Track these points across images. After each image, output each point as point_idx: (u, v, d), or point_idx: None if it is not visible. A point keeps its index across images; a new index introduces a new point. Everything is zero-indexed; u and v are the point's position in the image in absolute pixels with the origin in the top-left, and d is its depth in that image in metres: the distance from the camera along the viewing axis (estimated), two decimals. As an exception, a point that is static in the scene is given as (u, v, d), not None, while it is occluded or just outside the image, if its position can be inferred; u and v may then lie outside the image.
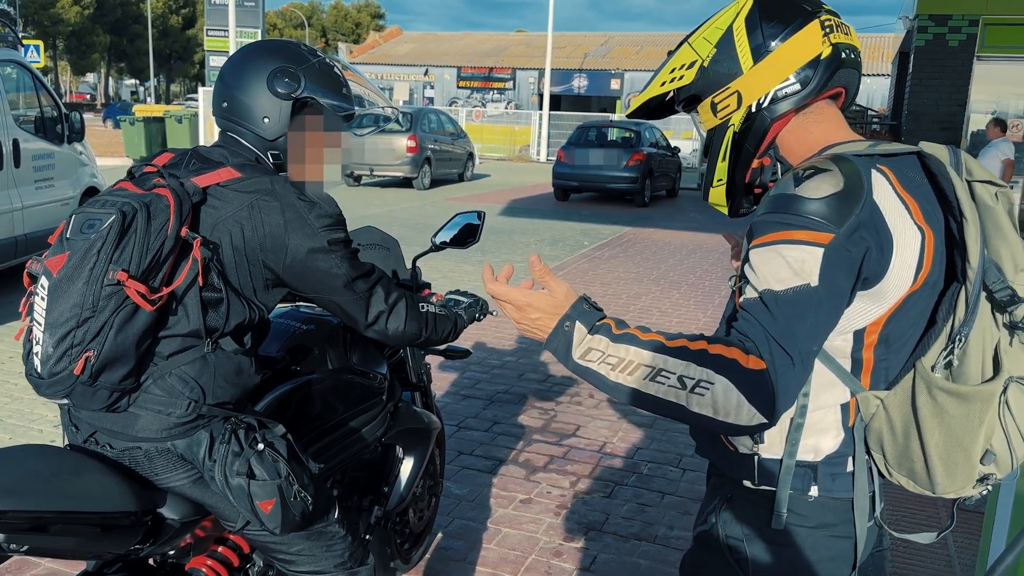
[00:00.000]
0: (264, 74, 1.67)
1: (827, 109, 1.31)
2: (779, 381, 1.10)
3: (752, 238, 1.19)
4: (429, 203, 14.42)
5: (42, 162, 7.01)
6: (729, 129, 1.31)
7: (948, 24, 11.38)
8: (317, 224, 1.60)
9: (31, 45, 18.31)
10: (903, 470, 1.24)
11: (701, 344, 1.14)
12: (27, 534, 1.38)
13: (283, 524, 1.60)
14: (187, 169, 1.62)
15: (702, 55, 1.30)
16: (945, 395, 1.16)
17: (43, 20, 51.80)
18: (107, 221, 1.42)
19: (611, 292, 7.57)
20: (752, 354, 1.11)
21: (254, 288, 1.62)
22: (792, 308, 1.12)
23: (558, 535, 3.19)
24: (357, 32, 72.61)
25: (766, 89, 1.26)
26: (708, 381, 1.11)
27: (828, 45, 1.24)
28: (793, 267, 1.12)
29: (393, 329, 1.76)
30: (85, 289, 1.41)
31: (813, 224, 1.13)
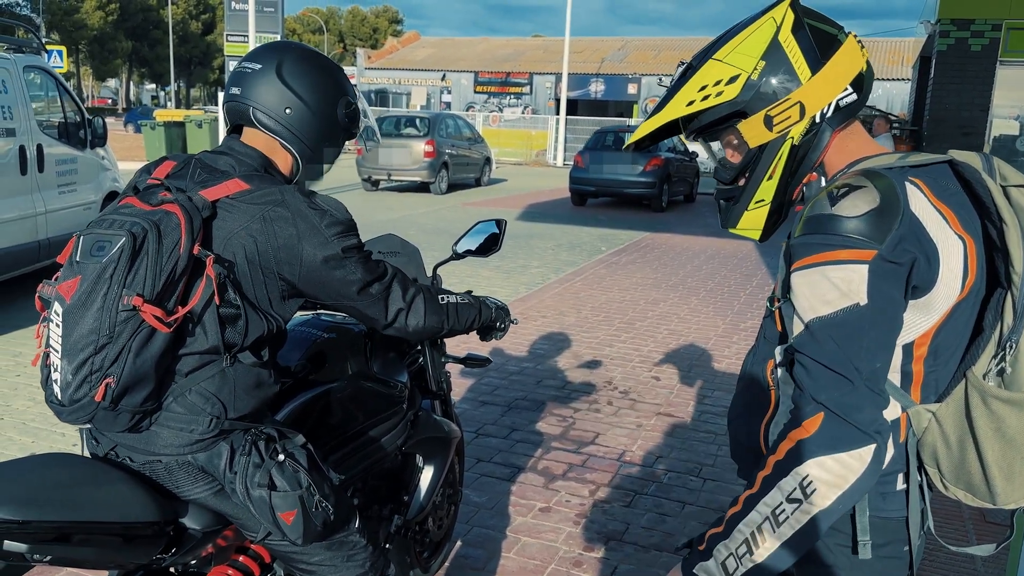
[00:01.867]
0: (336, 99, 1.72)
1: (857, 124, 1.31)
2: (844, 409, 1.10)
3: (792, 261, 1.17)
4: (446, 208, 14.44)
5: (65, 167, 7.08)
6: (787, 142, 1.26)
7: (971, 28, 11.26)
8: (329, 232, 1.59)
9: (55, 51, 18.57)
10: (961, 483, 1.22)
11: (769, 461, 1.15)
12: (50, 544, 1.38)
13: (305, 535, 1.59)
14: (193, 180, 1.59)
15: (746, 68, 1.25)
16: (1000, 403, 1.15)
17: (67, 26, 52.47)
18: (117, 244, 1.40)
19: (629, 298, 7.54)
20: (807, 417, 1.12)
21: (270, 300, 1.60)
22: (843, 330, 1.12)
23: (578, 544, 3.17)
24: (375, 37, 72.99)
25: (829, 99, 1.24)
26: (805, 478, 1.11)
27: (864, 59, 1.26)
28: (840, 288, 1.12)
29: (414, 325, 1.76)
30: (100, 315, 1.39)
31: (854, 242, 1.12)
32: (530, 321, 6.50)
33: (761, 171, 1.29)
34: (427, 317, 1.78)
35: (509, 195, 17.27)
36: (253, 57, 1.71)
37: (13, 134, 6.35)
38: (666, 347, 5.96)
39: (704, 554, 1.21)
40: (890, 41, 39.34)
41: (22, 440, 4.07)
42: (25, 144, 6.46)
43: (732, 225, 1.37)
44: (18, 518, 1.33)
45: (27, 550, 1.35)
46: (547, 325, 6.43)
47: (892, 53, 37.09)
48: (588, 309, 7.05)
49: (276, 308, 1.62)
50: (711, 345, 6.04)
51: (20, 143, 6.41)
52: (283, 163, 1.72)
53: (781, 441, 1.15)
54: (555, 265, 9.26)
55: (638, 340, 6.14)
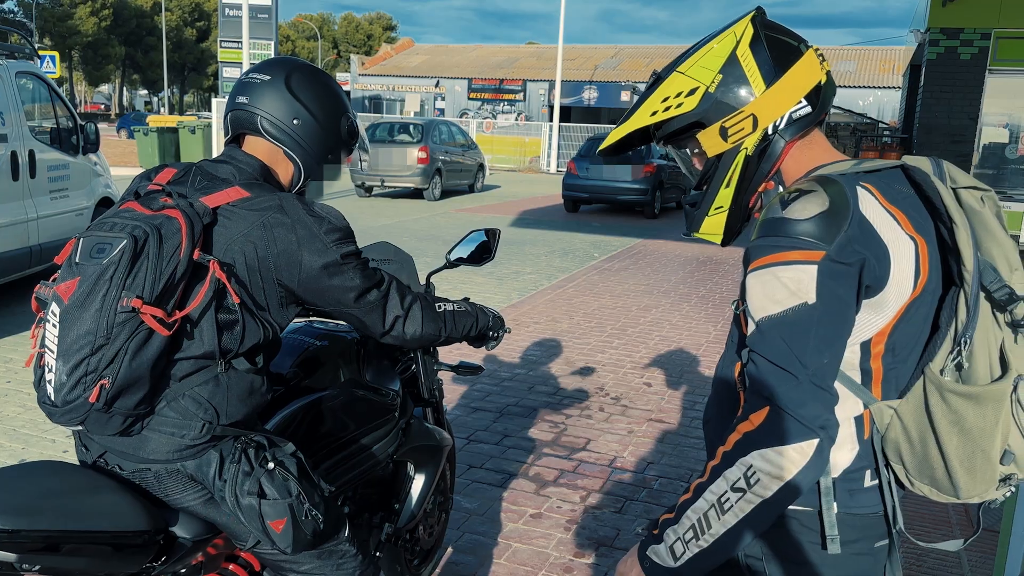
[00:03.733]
0: (340, 113, 1.78)
1: (817, 133, 1.34)
2: (787, 404, 1.13)
3: (747, 263, 1.22)
4: (440, 214, 14.46)
5: (57, 173, 7.07)
6: (741, 153, 1.31)
7: (960, 37, 11.35)
8: (328, 239, 1.61)
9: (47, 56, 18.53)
10: (924, 478, 1.25)
11: (719, 452, 1.20)
12: (39, 554, 1.37)
13: (294, 543, 1.59)
14: (193, 187, 1.60)
15: (705, 81, 1.30)
16: (957, 398, 1.18)
17: (60, 31, 52.36)
18: (118, 246, 1.41)
19: (621, 304, 7.56)
20: (753, 410, 1.16)
21: (268, 307, 1.62)
22: (791, 328, 1.16)
23: (569, 550, 3.17)
24: (369, 44, 73.07)
25: (782, 111, 1.28)
26: (748, 468, 1.15)
27: (823, 72, 1.30)
28: (789, 287, 1.16)
29: (411, 333, 1.77)
30: (98, 316, 1.39)
31: (803, 244, 1.16)
32: (523, 327, 6.51)
33: (719, 179, 1.34)
34: (424, 325, 1.78)
35: (502, 201, 17.29)
36: (261, 69, 1.75)
37: (5, 140, 6.33)
38: (657, 353, 5.98)
39: (657, 538, 1.26)
40: (881, 49, 39.59)
41: (12, 446, 4.06)
42: (17, 150, 6.45)
43: (694, 230, 1.42)
44: (7, 527, 1.33)
45: (16, 560, 1.34)
46: (539, 331, 6.44)
47: (883, 61, 37.32)
48: (580, 315, 7.06)
49: (274, 315, 1.63)
50: (702, 351, 6.06)
51: (12, 149, 6.40)
52: (284, 173, 1.75)
53: (730, 433, 1.19)
54: (548, 271, 9.28)
55: (630, 346, 6.15)
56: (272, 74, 1.72)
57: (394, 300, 1.73)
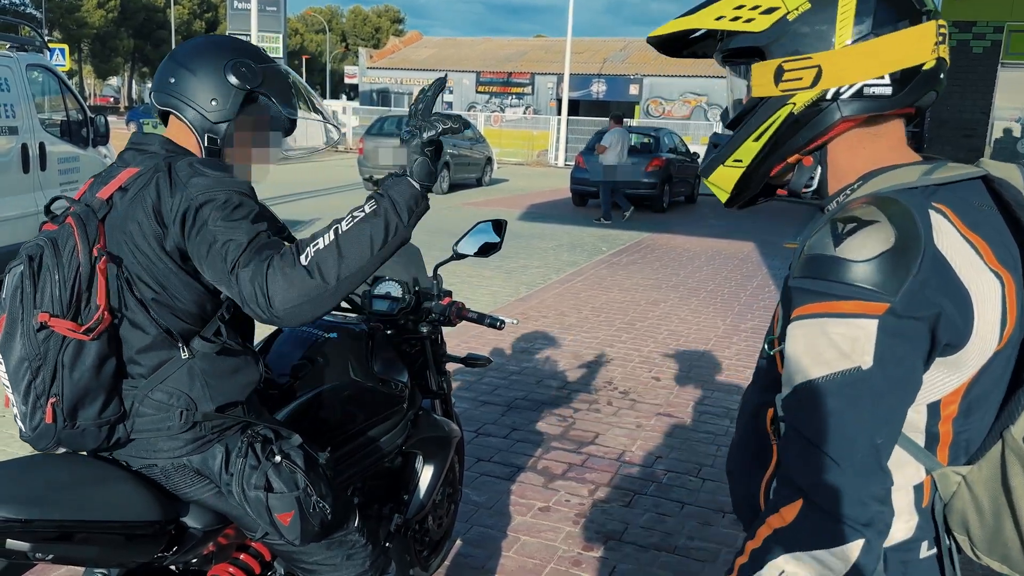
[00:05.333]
0: (223, 61, 1.64)
1: (894, 127, 1.10)
2: (825, 500, 0.94)
3: (791, 307, 1.00)
4: (448, 207, 14.45)
5: (67, 165, 7.09)
6: (787, 107, 1.06)
7: (972, 31, 11.27)
8: (196, 188, 1.45)
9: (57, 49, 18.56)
10: (995, 554, 1.06)
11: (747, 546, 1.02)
12: (52, 543, 1.39)
13: (303, 535, 1.60)
14: (97, 185, 1.58)
15: (789, 5, 1.05)
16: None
17: (68, 24, 52.49)
18: (19, 271, 1.44)
19: (629, 299, 7.54)
20: (785, 503, 0.97)
21: (175, 274, 1.51)
22: (840, 400, 0.94)
23: (577, 544, 3.17)
24: (377, 37, 73.02)
25: (854, 79, 1.03)
26: (779, 572, 0.97)
27: (935, 57, 1.05)
28: (841, 347, 0.94)
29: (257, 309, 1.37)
30: (24, 341, 1.42)
31: (862, 293, 0.93)
32: (531, 321, 6.50)
33: (750, 127, 1.10)
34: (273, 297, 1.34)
35: (510, 195, 17.27)
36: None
37: (16, 132, 6.36)
38: (666, 348, 5.97)
39: None
40: (892, 43, 39.21)
41: (23, 438, 4.08)
42: (28, 142, 6.48)
43: (706, 175, 1.20)
44: (21, 517, 1.34)
45: (30, 549, 1.36)
46: (547, 325, 6.44)
47: (894, 55, 36.98)
48: (588, 309, 7.05)
49: (184, 280, 1.51)
50: (711, 346, 6.05)
51: (23, 141, 6.42)
52: (191, 141, 1.64)
53: (760, 525, 1.00)
54: (556, 265, 9.26)
55: (638, 340, 6.14)
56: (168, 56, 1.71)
57: (242, 274, 1.37)
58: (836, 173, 1.11)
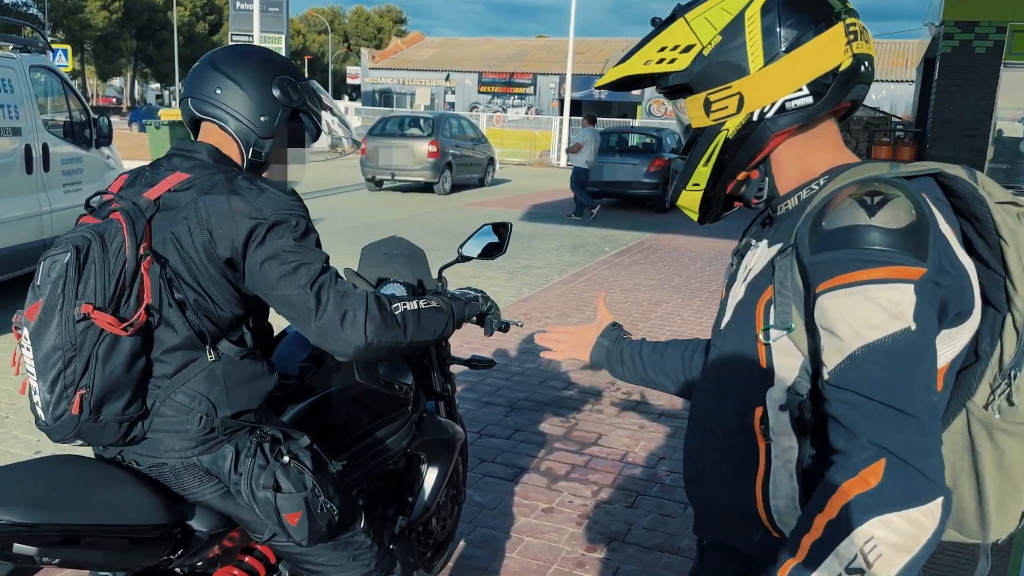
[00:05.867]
0: (271, 76, 1.68)
1: (830, 128, 1.15)
2: (910, 454, 0.93)
3: (819, 279, 1.00)
4: (450, 208, 14.46)
5: (70, 166, 7.10)
6: (722, 133, 1.13)
7: (975, 31, 11.26)
8: (266, 210, 1.52)
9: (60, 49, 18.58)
10: (951, 521, 1.09)
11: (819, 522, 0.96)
12: (59, 547, 1.39)
13: (310, 536, 1.61)
14: (141, 184, 1.60)
15: (703, 40, 1.10)
16: (1005, 436, 1.06)
17: (71, 24, 52.57)
18: (63, 260, 1.44)
19: (632, 299, 7.54)
20: (864, 465, 0.94)
21: (219, 283, 1.56)
22: (897, 358, 0.95)
23: (580, 545, 3.18)
24: (379, 37, 73.07)
25: (774, 98, 1.08)
26: (868, 542, 0.92)
27: (850, 55, 1.08)
28: (889, 310, 0.95)
29: (354, 339, 1.52)
30: (61, 330, 1.42)
31: (900, 258, 0.96)
32: (533, 322, 6.50)
33: (697, 154, 1.17)
34: (369, 328, 1.53)
35: (513, 195, 17.28)
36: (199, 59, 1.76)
37: (19, 133, 6.37)
38: (669, 349, 5.96)
39: None
40: (895, 43, 39.26)
41: (28, 438, 4.09)
42: (31, 143, 6.49)
43: (672, 201, 1.26)
44: (28, 521, 1.35)
45: (36, 553, 1.36)
46: (550, 326, 6.43)
47: (897, 55, 37.02)
48: (591, 310, 7.05)
49: (229, 290, 1.57)
50: (714, 347, 6.04)
51: (26, 142, 6.43)
52: (234, 151, 1.68)
53: (831, 495, 0.95)
54: (558, 266, 9.27)
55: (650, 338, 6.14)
56: (201, 59, 1.74)
57: (331, 294, 1.51)
58: (785, 179, 1.16)
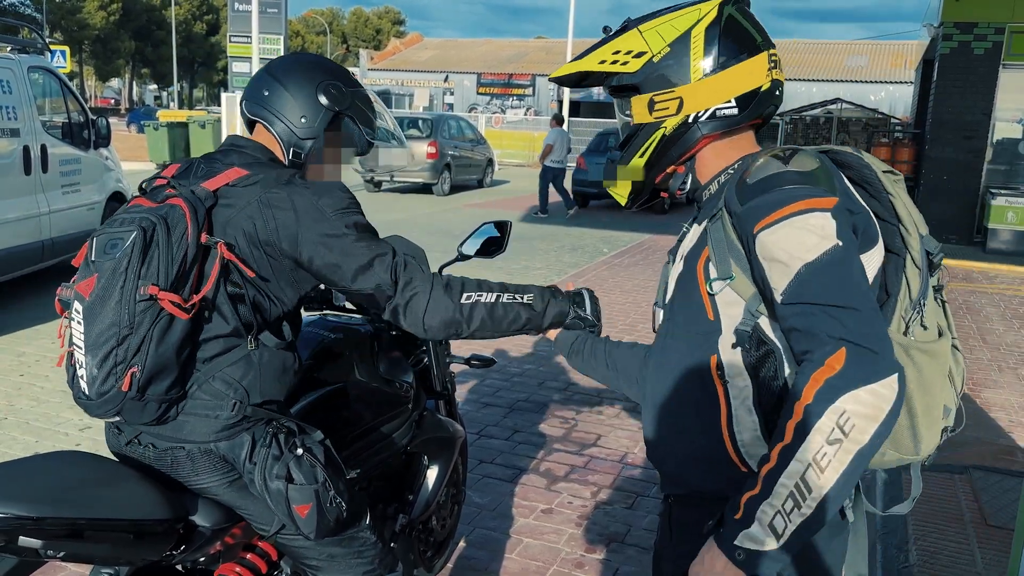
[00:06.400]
0: (316, 81, 1.75)
1: (747, 135, 1.37)
2: (865, 338, 1.09)
3: (753, 222, 1.19)
4: (449, 209, 14.47)
5: (69, 167, 7.10)
6: (660, 130, 1.33)
7: (973, 32, 11.27)
8: (328, 208, 1.61)
9: (58, 51, 18.57)
10: (887, 443, 1.21)
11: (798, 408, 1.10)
12: (63, 541, 1.40)
13: (318, 529, 1.62)
14: (196, 176, 1.65)
15: (653, 49, 1.31)
16: (921, 354, 1.21)
17: (69, 25, 52.54)
18: (129, 239, 1.46)
19: (631, 300, 7.55)
20: (828, 355, 1.09)
21: (278, 279, 1.64)
22: (835, 268, 1.13)
23: (580, 546, 3.18)
24: (378, 38, 73.08)
25: (708, 104, 1.30)
26: (842, 415, 1.07)
27: (769, 79, 1.31)
28: (819, 232, 1.14)
29: (418, 319, 1.61)
30: (119, 308, 1.44)
31: (815, 192, 1.17)
32: (532, 323, 6.50)
33: (634, 147, 1.36)
34: (433, 314, 1.60)
35: (511, 196, 17.28)
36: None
37: (17, 134, 6.37)
38: (668, 349, 5.97)
39: (744, 521, 1.13)
40: (894, 44, 39.31)
41: (25, 439, 4.09)
42: (29, 144, 6.49)
43: (605, 179, 1.44)
44: (33, 515, 1.36)
45: (41, 546, 1.37)
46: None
47: (896, 56, 37.07)
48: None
49: (285, 286, 1.66)
50: (713, 347, 6.04)
51: (24, 143, 6.43)
52: (279, 152, 1.76)
53: (805, 384, 1.10)
54: (557, 267, 9.27)
55: (640, 342, 6.14)
56: (263, 66, 1.82)
57: (401, 279, 1.61)
58: (706, 172, 1.37)
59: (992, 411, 4.80)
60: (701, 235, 1.30)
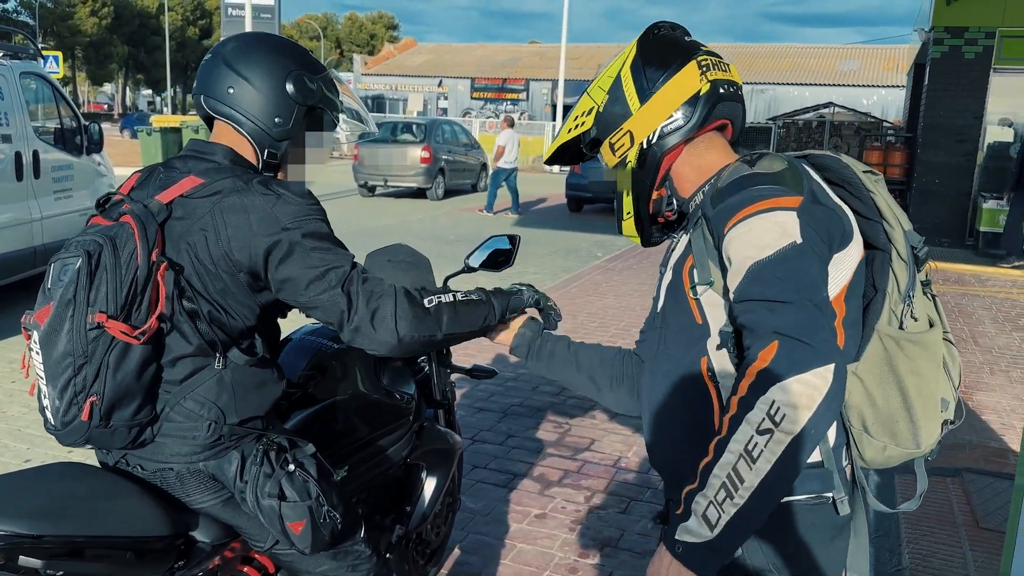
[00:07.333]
0: (283, 73, 1.59)
1: (715, 139, 1.43)
2: (796, 331, 1.12)
3: (722, 224, 1.24)
4: (443, 213, 14.46)
5: (61, 173, 7.08)
6: (628, 166, 1.43)
7: (964, 36, 11.33)
8: (283, 217, 1.49)
9: (50, 56, 18.53)
10: (885, 434, 1.27)
11: (733, 401, 1.15)
12: (63, 560, 1.38)
13: (313, 544, 1.61)
14: (154, 186, 1.57)
15: (598, 102, 1.44)
16: (912, 345, 1.25)
17: (61, 31, 52.41)
18: (75, 265, 1.41)
19: (624, 304, 7.55)
20: (761, 348, 1.13)
21: (235, 293, 1.54)
22: (786, 264, 1.17)
23: (573, 551, 3.18)
24: (372, 43, 73.06)
25: (653, 126, 1.38)
26: (771, 405, 1.10)
27: (706, 82, 1.37)
28: (777, 230, 1.18)
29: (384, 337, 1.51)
30: (71, 337, 1.40)
31: (780, 192, 1.22)
32: (526, 327, 6.50)
33: (621, 188, 1.48)
34: (403, 326, 1.51)
35: (505, 200, 17.28)
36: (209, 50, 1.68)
37: (9, 140, 6.35)
38: (662, 353, 5.97)
39: (683, 515, 1.16)
40: (885, 48, 39.46)
41: (17, 447, 4.07)
42: (21, 150, 6.47)
43: (620, 231, 1.54)
44: (32, 532, 1.34)
45: (41, 566, 1.35)
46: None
47: (887, 60, 37.22)
48: (584, 315, 7.06)
49: (245, 301, 1.56)
50: (707, 351, 6.05)
51: (16, 149, 6.41)
52: (249, 152, 1.63)
53: (740, 379, 1.14)
54: (551, 271, 9.28)
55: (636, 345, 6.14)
56: (212, 52, 1.64)
57: (360, 292, 1.50)
58: (686, 185, 1.43)
59: (984, 413, 4.82)
60: (687, 244, 1.38)
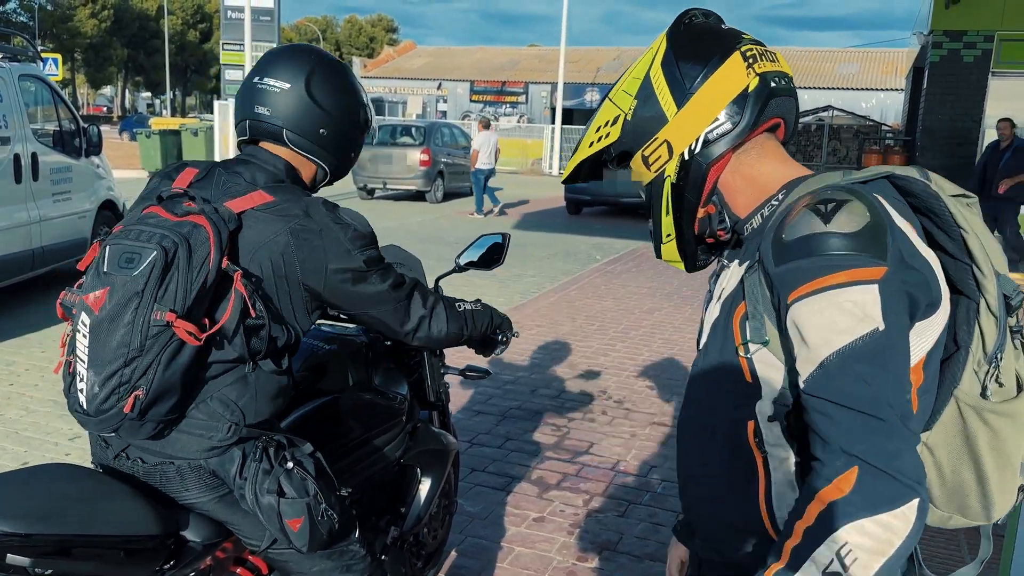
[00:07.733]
0: (356, 108, 1.77)
1: (767, 143, 1.20)
2: (881, 459, 0.94)
3: (787, 290, 1.03)
4: (442, 216, 14.47)
5: (60, 175, 7.08)
6: (666, 181, 1.21)
7: (963, 40, 11.36)
8: (353, 246, 1.62)
9: (50, 59, 18.52)
10: (953, 507, 1.15)
11: (798, 528, 0.98)
12: (52, 558, 1.38)
13: (310, 542, 1.61)
14: (218, 189, 1.59)
15: (624, 108, 1.22)
16: (998, 417, 1.09)
17: (61, 33, 52.45)
18: (148, 258, 1.40)
19: (623, 307, 7.55)
20: (837, 473, 0.96)
21: (294, 311, 1.63)
22: (866, 361, 0.97)
23: (572, 554, 3.17)
24: (371, 47, 73.14)
25: (695, 134, 1.16)
26: (843, 547, 0.94)
27: (754, 76, 1.15)
28: (854, 313, 0.98)
29: (437, 332, 1.80)
30: (131, 329, 1.39)
31: (860, 260, 0.99)
32: (525, 330, 6.50)
33: (657, 207, 1.25)
34: (449, 324, 1.82)
35: (505, 203, 17.30)
36: (276, 73, 1.66)
37: (8, 142, 6.35)
38: (661, 356, 5.98)
39: None
40: (884, 51, 39.57)
41: (15, 449, 4.06)
42: (20, 152, 6.47)
43: (659, 256, 1.34)
44: (21, 531, 1.34)
45: (30, 564, 1.35)
46: (542, 334, 6.44)
47: (886, 63, 37.31)
48: (583, 318, 7.06)
49: (299, 319, 1.65)
50: (706, 354, 6.05)
51: (15, 151, 6.41)
52: (307, 173, 1.74)
53: (809, 502, 0.98)
54: (550, 274, 9.28)
55: (633, 349, 6.15)
56: (291, 80, 1.65)
57: (417, 301, 1.76)
58: (741, 201, 1.21)
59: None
60: (738, 285, 1.15)
